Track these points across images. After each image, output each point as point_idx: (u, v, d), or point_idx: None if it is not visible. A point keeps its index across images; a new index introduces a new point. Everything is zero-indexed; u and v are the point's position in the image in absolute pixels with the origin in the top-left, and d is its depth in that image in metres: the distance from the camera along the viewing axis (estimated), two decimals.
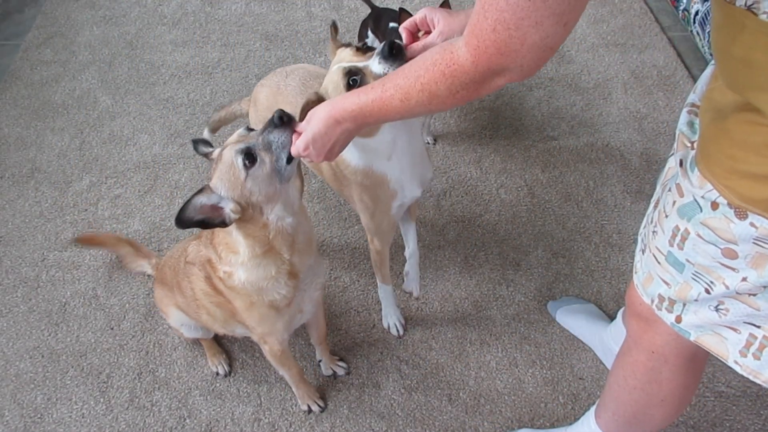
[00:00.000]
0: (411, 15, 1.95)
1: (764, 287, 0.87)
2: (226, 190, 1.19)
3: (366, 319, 1.99)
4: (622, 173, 2.33)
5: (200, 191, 1.19)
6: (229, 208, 1.19)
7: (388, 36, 2.25)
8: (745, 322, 0.94)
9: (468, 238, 2.17)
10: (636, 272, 1.15)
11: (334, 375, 1.86)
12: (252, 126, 1.79)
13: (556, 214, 2.23)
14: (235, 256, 1.33)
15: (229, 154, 1.19)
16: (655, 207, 1.08)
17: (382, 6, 2.44)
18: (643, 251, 1.11)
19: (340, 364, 1.86)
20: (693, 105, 1.03)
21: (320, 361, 1.86)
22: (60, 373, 1.91)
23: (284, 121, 1.18)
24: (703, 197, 0.89)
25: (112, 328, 2.00)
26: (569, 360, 1.87)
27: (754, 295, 0.90)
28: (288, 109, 1.63)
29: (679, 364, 1.15)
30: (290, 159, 1.19)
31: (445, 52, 0.88)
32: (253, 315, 1.43)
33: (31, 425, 1.81)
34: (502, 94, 2.62)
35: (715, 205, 0.87)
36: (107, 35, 3.03)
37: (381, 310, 1.96)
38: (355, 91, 1.04)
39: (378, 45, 2.11)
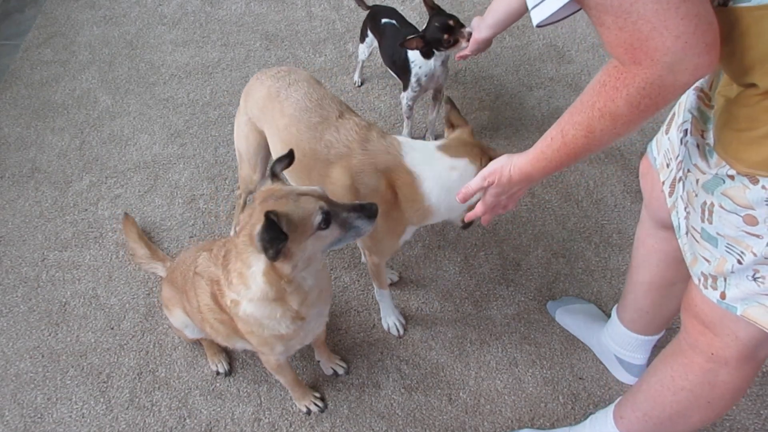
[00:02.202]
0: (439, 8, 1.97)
1: None
2: (288, 230, 1.15)
3: (366, 319, 1.99)
4: (622, 173, 2.33)
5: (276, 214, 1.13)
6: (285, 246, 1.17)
7: (382, 31, 2.26)
8: None
9: (468, 238, 2.17)
10: (684, 254, 1.17)
11: (335, 374, 1.86)
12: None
13: (556, 214, 2.22)
14: (246, 290, 1.32)
15: (311, 205, 1.17)
16: (683, 187, 1.12)
17: (381, 5, 2.45)
18: (687, 233, 1.15)
19: (340, 363, 1.86)
20: (701, 90, 1.07)
21: (319, 360, 1.87)
22: (60, 373, 1.91)
23: (375, 216, 1.26)
24: (717, 174, 0.97)
25: (112, 328, 2.00)
26: (569, 360, 1.87)
27: None
28: (282, 123, 1.57)
29: (738, 366, 1.15)
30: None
31: (606, 72, 0.85)
32: (254, 338, 1.45)
33: (31, 425, 1.81)
34: (502, 94, 2.62)
35: (731, 177, 0.94)
36: (107, 35, 3.03)
37: (381, 310, 1.96)
38: (538, 150, 1.04)
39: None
